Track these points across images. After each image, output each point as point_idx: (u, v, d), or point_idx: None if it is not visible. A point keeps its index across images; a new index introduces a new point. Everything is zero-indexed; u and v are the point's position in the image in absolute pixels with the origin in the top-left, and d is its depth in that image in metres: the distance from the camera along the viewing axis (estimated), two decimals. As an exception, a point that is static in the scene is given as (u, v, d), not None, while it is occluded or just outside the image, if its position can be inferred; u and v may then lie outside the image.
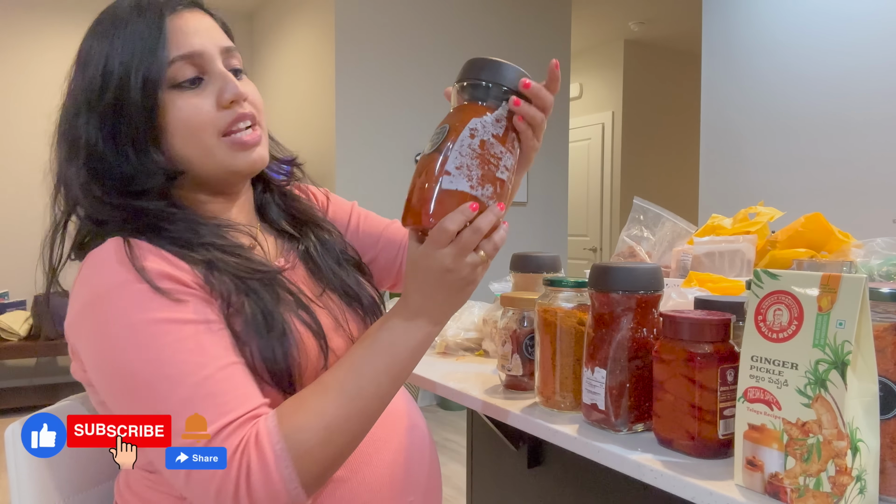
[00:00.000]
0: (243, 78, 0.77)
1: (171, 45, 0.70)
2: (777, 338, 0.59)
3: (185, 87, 0.71)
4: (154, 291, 0.63)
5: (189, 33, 0.72)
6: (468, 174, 0.63)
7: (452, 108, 0.69)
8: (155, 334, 0.62)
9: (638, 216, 1.36)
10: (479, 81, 0.66)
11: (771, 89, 3.13)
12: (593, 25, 5.50)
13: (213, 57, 0.72)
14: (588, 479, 0.97)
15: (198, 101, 0.71)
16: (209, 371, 0.62)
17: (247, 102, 0.74)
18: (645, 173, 5.84)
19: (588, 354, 0.79)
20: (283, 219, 0.87)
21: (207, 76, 0.72)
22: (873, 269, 0.98)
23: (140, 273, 0.64)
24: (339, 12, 3.74)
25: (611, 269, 0.76)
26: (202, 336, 0.63)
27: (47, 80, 4.40)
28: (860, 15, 2.80)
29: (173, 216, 0.72)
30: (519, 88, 0.67)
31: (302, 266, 0.82)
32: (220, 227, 0.75)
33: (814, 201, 2.89)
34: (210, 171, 0.74)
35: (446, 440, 3.33)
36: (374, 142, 3.85)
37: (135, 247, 0.66)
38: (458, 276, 0.65)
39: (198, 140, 0.71)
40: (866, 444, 0.56)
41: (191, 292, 0.66)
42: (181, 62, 0.70)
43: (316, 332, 0.72)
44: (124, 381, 0.63)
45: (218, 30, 0.76)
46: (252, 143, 0.74)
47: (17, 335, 3.94)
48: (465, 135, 0.64)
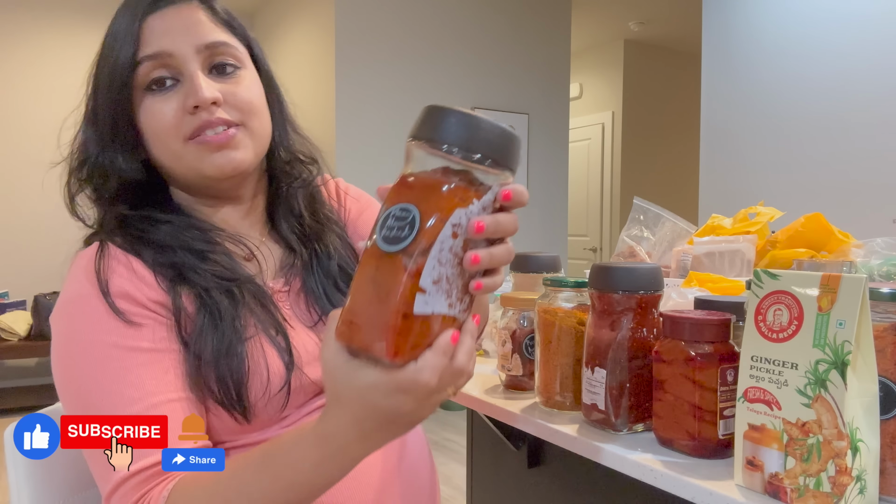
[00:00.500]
0: (237, 75, 0.71)
1: (142, 45, 0.67)
2: (777, 338, 0.59)
3: (154, 90, 0.68)
4: (110, 311, 0.63)
5: (160, 33, 0.68)
6: (447, 289, 0.45)
7: (413, 176, 0.47)
8: (101, 358, 0.62)
9: (638, 216, 1.36)
10: (440, 145, 0.45)
11: (771, 89, 3.13)
12: (593, 25, 5.50)
13: (185, 58, 0.68)
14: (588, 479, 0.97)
15: (162, 106, 0.68)
16: (138, 408, 0.61)
17: (221, 107, 0.68)
18: (645, 173, 5.84)
19: (588, 354, 0.79)
20: (294, 230, 0.80)
21: (182, 78, 0.69)
22: (873, 269, 0.98)
23: (102, 289, 0.64)
24: (339, 12, 3.74)
25: (611, 269, 0.76)
26: (145, 368, 0.62)
27: (47, 81, 4.42)
28: (860, 15, 2.80)
29: (157, 221, 0.71)
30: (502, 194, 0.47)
31: (302, 287, 0.77)
32: (207, 233, 0.72)
33: (814, 201, 2.89)
34: (184, 174, 0.71)
35: (446, 440, 3.33)
36: (374, 142, 3.85)
37: (107, 256, 0.66)
38: (414, 417, 0.50)
39: (165, 146, 0.69)
40: (866, 444, 0.56)
41: (147, 315, 0.65)
42: (148, 63, 0.67)
43: (283, 355, 0.68)
44: (65, 392, 0.64)
45: (205, 25, 0.70)
46: (218, 143, 0.68)
47: (17, 335, 3.94)
48: (445, 234, 0.44)
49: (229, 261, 0.71)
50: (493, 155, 0.45)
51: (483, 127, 0.45)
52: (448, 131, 0.45)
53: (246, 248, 0.75)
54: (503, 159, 0.46)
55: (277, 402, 0.67)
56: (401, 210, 0.46)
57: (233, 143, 0.69)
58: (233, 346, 0.65)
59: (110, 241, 0.68)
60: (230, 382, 0.64)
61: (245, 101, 0.71)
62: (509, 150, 0.46)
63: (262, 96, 0.74)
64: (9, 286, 4.20)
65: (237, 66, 0.72)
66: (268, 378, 0.66)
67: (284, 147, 0.79)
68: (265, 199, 0.81)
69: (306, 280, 0.76)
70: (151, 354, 0.63)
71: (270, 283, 0.75)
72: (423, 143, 0.46)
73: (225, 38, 0.71)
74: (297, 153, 0.81)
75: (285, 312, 0.73)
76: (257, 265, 0.75)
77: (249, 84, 0.72)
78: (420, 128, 0.47)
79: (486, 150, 0.45)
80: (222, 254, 0.72)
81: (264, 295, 0.71)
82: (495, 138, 0.46)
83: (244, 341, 0.66)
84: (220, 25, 0.72)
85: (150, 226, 0.70)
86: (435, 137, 0.45)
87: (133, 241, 0.69)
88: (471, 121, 0.45)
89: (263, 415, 0.67)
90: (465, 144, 0.45)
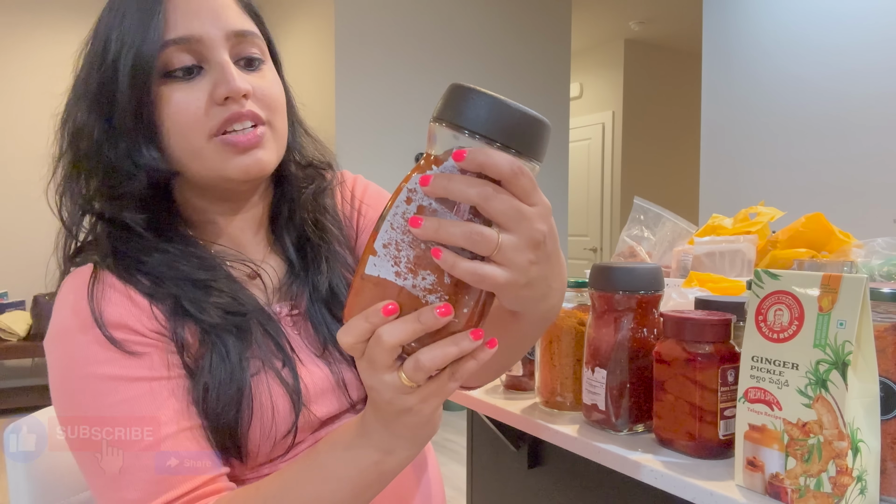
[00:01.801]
0: (261, 69, 0.66)
1: (167, 26, 0.60)
2: (778, 338, 0.59)
3: (178, 77, 0.61)
4: (106, 341, 0.58)
5: (189, 14, 0.61)
6: (395, 255, 0.43)
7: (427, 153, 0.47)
8: (101, 392, 0.57)
9: (638, 216, 1.36)
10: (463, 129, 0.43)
11: (771, 89, 3.13)
12: (593, 25, 5.50)
13: (215, 43, 0.61)
14: (588, 479, 0.97)
15: (188, 96, 0.61)
16: (152, 441, 0.56)
17: (250, 100, 0.63)
18: (645, 173, 5.84)
19: (588, 354, 0.79)
20: (295, 244, 0.74)
21: (207, 65, 0.62)
22: (874, 269, 0.98)
23: (96, 320, 0.59)
24: (339, 12, 3.73)
25: (611, 269, 0.76)
26: (150, 397, 0.58)
27: (46, 79, 4.41)
28: (861, 15, 2.80)
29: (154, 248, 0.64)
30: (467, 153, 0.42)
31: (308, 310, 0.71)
32: (207, 260, 0.66)
33: (814, 201, 2.89)
34: (201, 175, 0.64)
35: (446, 440, 3.33)
36: (374, 141, 3.85)
37: (102, 283, 0.61)
38: (380, 396, 0.47)
39: (186, 141, 0.62)
40: (867, 444, 0.56)
41: (147, 342, 0.60)
42: (174, 47, 0.60)
43: (291, 394, 0.63)
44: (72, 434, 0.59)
45: (234, 9, 0.65)
46: (245, 144, 0.62)
47: (16, 335, 3.94)
48: (400, 199, 0.44)
49: (234, 287, 0.66)
50: (516, 144, 0.42)
51: (509, 113, 0.42)
52: (471, 116, 0.42)
53: (249, 268, 0.70)
54: (528, 148, 0.43)
55: (281, 447, 0.64)
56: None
57: (260, 143, 0.64)
58: (239, 391, 0.61)
59: (104, 265, 0.63)
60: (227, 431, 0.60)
61: (272, 97, 0.66)
62: (536, 139, 0.43)
63: (283, 94, 0.69)
64: (8, 286, 4.20)
65: (262, 59, 0.66)
66: (273, 421, 0.62)
67: (299, 151, 0.75)
68: (269, 207, 0.75)
69: (308, 304, 0.71)
70: (154, 383, 0.59)
71: (277, 308, 0.70)
72: (445, 126, 0.44)
73: (252, 27, 0.66)
74: (311, 158, 0.76)
75: (293, 341, 0.68)
76: (262, 284, 0.70)
77: (274, 79, 0.67)
78: (443, 109, 0.44)
79: (510, 138, 0.42)
80: (225, 279, 0.66)
81: (274, 326, 0.67)
82: (522, 125, 0.43)
83: (249, 386, 0.62)
84: (245, 12, 0.66)
85: (145, 254, 0.64)
86: (457, 121, 0.43)
87: (127, 267, 0.63)
88: (496, 105, 0.42)
89: (263, 457, 0.63)
90: (487, 131, 0.42)
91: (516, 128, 0.42)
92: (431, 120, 0.45)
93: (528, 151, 0.43)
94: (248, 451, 0.62)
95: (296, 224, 0.74)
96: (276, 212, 0.74)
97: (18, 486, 0.77)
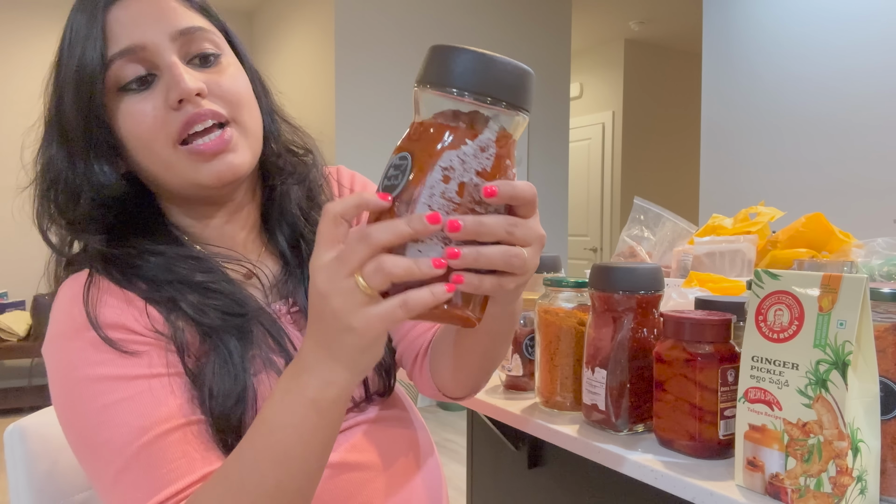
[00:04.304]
0: (219, 63, 0.64)
1: (111, 41, 0.59)
2: (778, 338, 0.59)
3: (133, 89, 0.60)
4: (102, 343, 0.57)
5: (129, 23, 0.60)
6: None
7: (414, 122, 0.46)
8: (99, 392, 0.57)
9: (638, 216, 1.36)
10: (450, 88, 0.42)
11: (771, 89, 3.13)
12: (593, 25, 5.50)
13: (160, 48, 0.60)
14: (588, 479, 0.97)
15: (144, 106, 0.60)
16: (150, 437, 0.56)
17: (208, 98, 0.61)
18: (645, 173, 5.84)
19: (588, 354, 0.79)
20: (288, 239, 0.73)
21: (159, 72, 0.61)
22: (874, 269, 0.98)
23: (92, 322, 0.58)
24: (339, 12, 3.74)
25: (611, 269, 0.76)
26: (149, 394, 0.57)
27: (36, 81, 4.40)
28: (861, 15, 2.80)
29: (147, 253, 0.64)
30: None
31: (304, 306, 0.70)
32: (203, 261, 0.65)
33: (814, 201, 2.89)
34: (176, 184, 0.63)
35: (446, 440, 3.33)
36: (374, 142, 3.85)
37: (98, 287, 0.60)
38: (329, 305, 0.44)
39: (151, 152, 0.61)
40: (867, 444, 0.56)
41: (146, 341, 0.59)
42: (121, 60, 0.59)
43: None
44: (74, 437, 0.59)
45: (176, 9, 0.63)
46: (212, 150, 0.61)
47: (16, 335, 3.94)
48: (434, 177, 0.42)
49: (232, 288, 0.65)
50: (505, 96, 0.43)
51: (494, 66, 0.42)
52: (456, 73, 0.42)
53: (245, 268, 0.69)
54: (516, 99, 0.43)
55: None
56: (399, 158, 0.44)
57: (229, 147, 0.62)
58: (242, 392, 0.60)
59: (101, 270, 0.62)
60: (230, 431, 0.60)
61: (232, 91, 0.63)
62: (523, 90, 0.44)
63: (248, 85, 0.67)
64: (8, 286, 4.20)
65: (217, 53, 0.65)
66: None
67: (275, 139, 0.72)
68: (259, 206, 0.74)
69: (303, 301, 0.70)
70: (153, 380, 0.58)
71: (276, 306, 0.70)
72: (429, 88, 0.43)
73: (201, 22, 0.64)
74: (288, 145, 0.74)
75: (294, 339, 0.67)
76: (258, 283, 0.70)
77: (234, 73, 0.65)
78: (426, 72, 0.43)
79: (498, 90, 0.42)
80: (224, 281, 0.65)
81: (275, 325, 0.66)
82: (508, 77, 0.43)
83: (253, 387, 0.61)
84: (192, 10, 0.64)
85: (140, 259, 0.63)
86: (443, 81, 0.42)
87: (124, 272, 0.62)
88: (480, 60, 0.42)
89: None
90: (475, 87, 0.42)
91: (504, 81, 0.42)
92: (415, 85, 0.45)
93: (517, 102, 0.43)
94: None
95: (288, 220, 0.73)
96: (266, 209, 0.73)
97: (18, 486, 0.77)
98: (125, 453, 0.55)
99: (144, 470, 0.55)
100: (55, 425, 0.81)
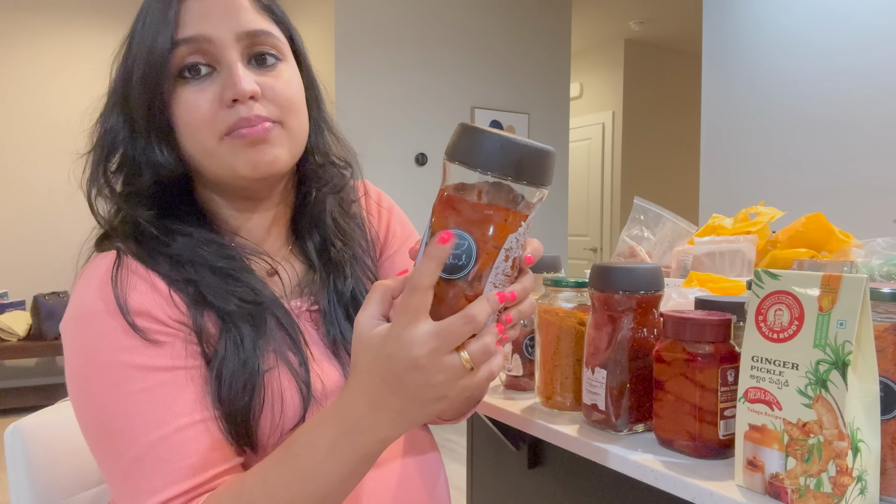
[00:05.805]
0: (276, 68, 0.66)
1: (180, 27, 0.62)
2: (778, 338, 0.59)
3: (189, 78, 0.63)
4: (129, 329, 0.58)
5: (199, 15, 0.62)
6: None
7: (455, 194, 0.49)
8: (121, 379, 0.57)
9: (638, 216, 1.36)
10: (516, 182, 0.47)
11: (771, 89, 3.13)
12: (593, 25, 5.50)
13: (224, 44, 0.62)
14: (588, 479, 0.97)
15: (198, 98, 0.63)
16: (166, 431, 0.57)
17: (260, 101, 0.63)
18: (645, 173, 5.84)
19: (588, 354, 0.79)
20: (317, 245, 0.74)
21: (219, 66, 0.63)
22: (874, 269, 0.98)
23: (120, 306, 0.59)
24: (339, 11, 3.74)
25: (611, 269, 0.76)
26: (169, 387, 0.58)
27: (45, 81, 4.42)
28: (861, 15, 2.80)
29: (175, 232, 0.66)
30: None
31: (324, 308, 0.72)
32: (227, 248, 0.67)
33: (814, 201, 2.89)
34: (215, 173, 0.66)
35: (446, 440, 3.33)
36: (374, 141, 3.85)
37: (126, 269, 0.62)
38: (427, 378, 0.47)
39: (198, 141, 0.64)
40: (867, 444, 0.56)
41: (169, 331, 0.60)
42: (185, 47, 0.62)
43: (301, 387, 0.64)
44: (83, 415, 0.59)
45: (248, 9, 0.65)
46: (253, 137, 0.63)
47: (16, 335, 3.94)
48: (500, 259, 0.48)
49: (252, 279, 0.67)
50: (527, 177, 0.47)
51: (516, 150, 0.47)
52: (483, 155, 0.47)
53: (268, 264, 0.71)
54: (536, 179, 0.48)
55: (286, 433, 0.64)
56: (459, 238, 0.48)
57: (269, 139, 0.64)
58: (251, 378, 0.61)
59: (128, 251, 0.63)
60: (239, 419, 0.61)
61: (284, 96, 0.65)
62: (543, 169, 0.48)
63: (301, 93, 0.69)
64: (8, 286, 4.20)
65: (278, 58, 0.67)
66: (281, 414, 0.63)
67: (319, 150, 0.74)
68: (291, 209, 0.75)
69: (325, 302, 0.72)
70: (174, 373, 0.59)
71: (297, 302, 0.71)
72: (458, 165, 0.48)
73: (267, 26, 0.66)
74: (331, 156, 0.76)
75: (308, 336, 0.69)
76: (279, 282, 0.71)
77: (290, 79, 0.67)
78: (455, 149, 0.48)
79: (520, 172, 0.47)
80: (244, 271, 0.67)
81: (289, 319, 0.67)
82: (529, 159, 0.47)
83: (262, 374, 0.62)
84: (262, 12, 0.67)
85: (168, 237, 0.65)
86: (470, 161, 0.47)
87: (150, 251, 0.64)
88: (504, 144, 0.46)
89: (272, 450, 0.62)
90: (500, 168, 0.47)
91: (524, 162, 0.47)
92: (445, 158, 0.49)
93: (536, 181, 0.48)
94: (259, 442, 0.62)
95: (319, 227, 0.75)
96: (298, 213, 0.75)
97: (19, 486, 0.78)
98: (141, 443, 0.56)
99: (159, 463, 0.56)
100: (55, 425, 0.82)
